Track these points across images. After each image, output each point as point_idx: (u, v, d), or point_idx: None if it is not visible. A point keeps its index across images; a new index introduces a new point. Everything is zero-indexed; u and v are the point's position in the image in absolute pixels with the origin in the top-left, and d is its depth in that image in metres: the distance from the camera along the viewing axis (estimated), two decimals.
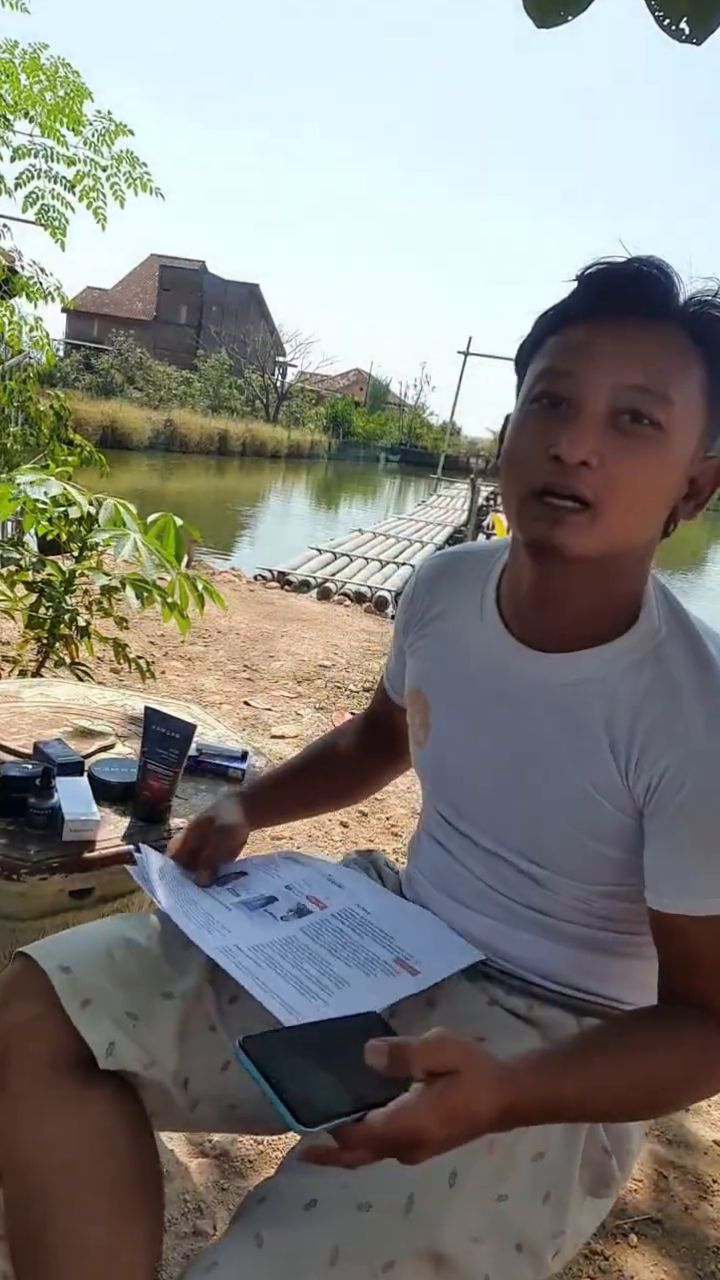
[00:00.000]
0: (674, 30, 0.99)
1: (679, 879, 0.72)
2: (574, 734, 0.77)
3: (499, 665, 0.84)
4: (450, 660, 0.89)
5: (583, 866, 0.79)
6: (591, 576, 0.75)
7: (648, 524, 0.73)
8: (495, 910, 0.87)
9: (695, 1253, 1.45)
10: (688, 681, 0.73)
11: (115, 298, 41.88)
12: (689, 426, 0.71)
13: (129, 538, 2.13)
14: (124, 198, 3.03)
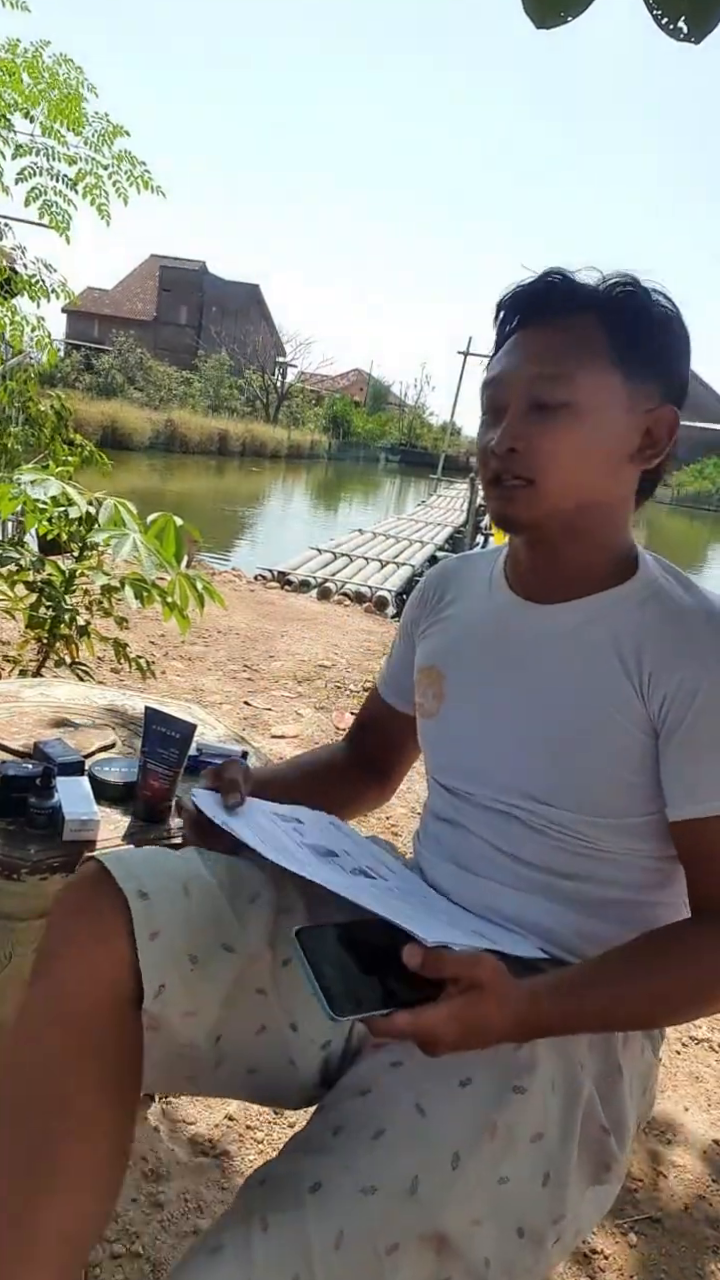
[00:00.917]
0: (672, 29, 1.00)
1: (702, 781, 0.79)
2: (587, 667, 0.85)
3: (510, 625, 0.92)
4: (464, 633, 0.97)
5: (598, 797, 0.84)
6: (569, 533, 0.85)
7: (590, 481, 0.83)
8: (503, 874, 0.90)
9: (695, 1253, 1.45)
10: (689, 607, 0.83)
11: (115, 298, 41.88)
12: (603, 391, 0.81)
13: (129, 537, 2.13)
14: (126, 195, 3.03)
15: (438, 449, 23.85)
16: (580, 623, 0.86)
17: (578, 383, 0.81)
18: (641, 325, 0.83)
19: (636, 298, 0.84)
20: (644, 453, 0.85)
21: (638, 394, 0.83)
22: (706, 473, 43.05)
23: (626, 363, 0.82)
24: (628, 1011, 0.77)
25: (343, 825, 1.00)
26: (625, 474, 0.86)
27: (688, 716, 0.79)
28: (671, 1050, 1.97)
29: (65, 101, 2.94)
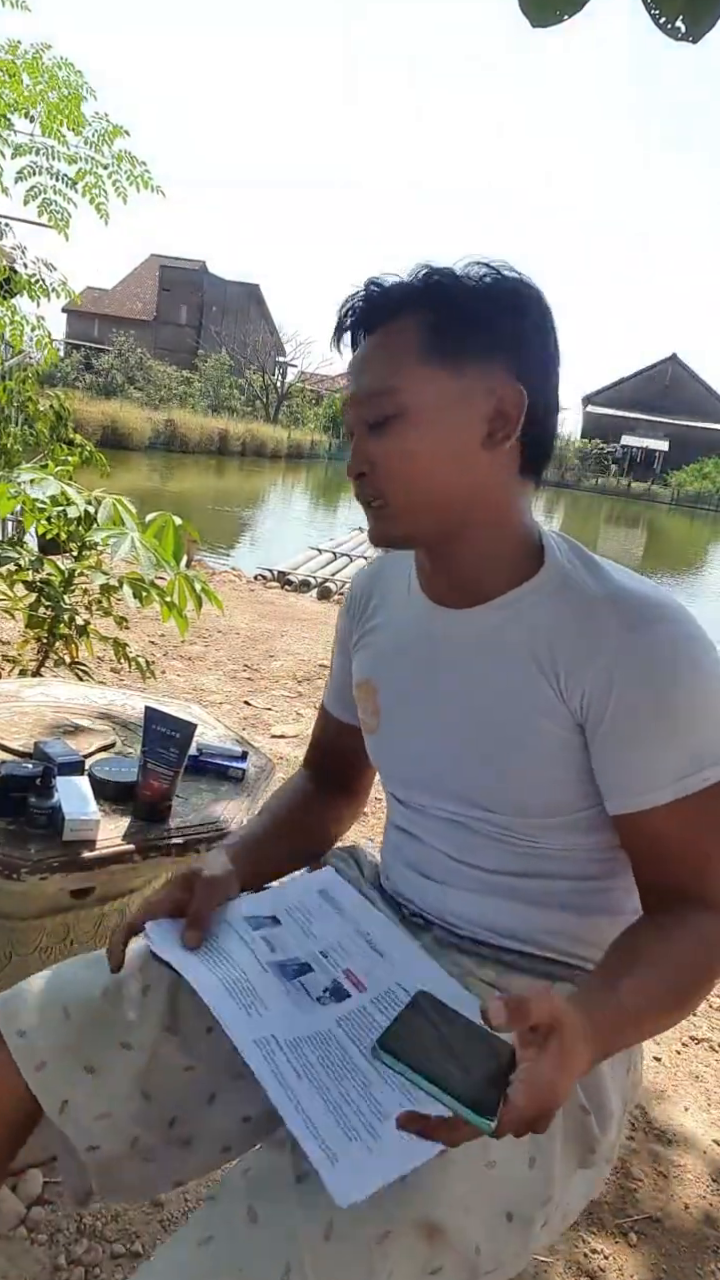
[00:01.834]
0: (670, 29, 1.00)
1: (634, 775, 0.77)
2: (507, 671, 0.83)
3: (430, 632, 0.90)
4: (391, 642, 0.95)
5: (536, 799, 0.83)
6: (451, 537, 0.83)
7: (444, 485, 0.80)
8: (461, 879, 0.90)
9: (695, 1252, 1.45)
10: (594, 596, 0.80)
11: (115, 298, 41.87)
12: (425, 392, 0.78)
13: (127, 537, 2.13)
14: (126, 194, 3.03)
15: None
16: (495, 625, 0.84)
17: (398, 391, 0.78)
18: (456, 311, 0.78)
19: (445, 285, 0.79)
20: (495, 436, 0.80)
21: (471, 382, 0.78)
22: (706, 472, 43.05)
23: (445, 355, 0.78)
24: (659, 1002, 0.73)
25: (335, 890, 0.93)
26: (483, 464, 0.80)
27: (607, 712, 0.77)
28: (672, 1050, 1.97)
29: (65, 102, 2.95)
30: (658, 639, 0.76)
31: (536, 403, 0.80)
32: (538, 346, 0.81)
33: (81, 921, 1.36)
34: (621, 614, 0.77)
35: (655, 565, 19.05)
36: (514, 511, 0.84)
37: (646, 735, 0.76)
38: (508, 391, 0.79)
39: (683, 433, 46.82)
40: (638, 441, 47.33)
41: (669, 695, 0.75)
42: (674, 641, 0.76)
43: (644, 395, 48.73)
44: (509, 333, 0.79)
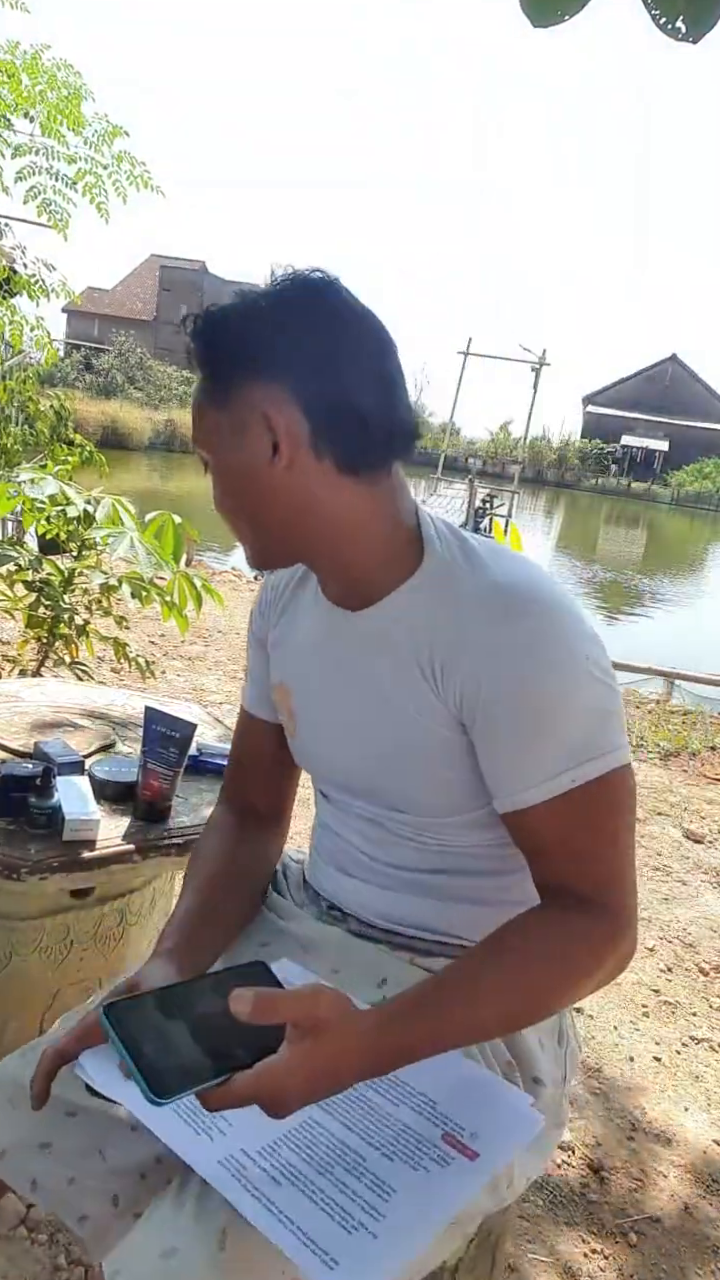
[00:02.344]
0: (671, 29, 1.00)
1: (510, 773, 0.77)
2: (394, 672, 0.83)
3: (332, 634, 0.89)
4: (300, 644, 0.94)
5: (440, 800, 0.84)
6: (310, 554, 0.84)
7: (266, 514, 0.80)
8: (375, 876, 0.91)
9: (695, 1253, 1.45)
10: (467, 589, 0.79)
11: (115, 298, 41.87)
12: (213, 432, 0.79)
13: (126, 536, 2.13)
14: (126, 194, 3.03)
15: (437, 449, 23.83)
16: (383, 626, 0.83)
17: (199, 439, 0.81)
18: (217, 344, 0.77)
19: (213, 319, 0.78)
20: (283, 457, 0.77)
21: (236, 412, 0.77)
22: (706, 473, 43.05)
23: (216, 391, 0.78)
24: (495, 1014, 0.74)
25: (294, 977, 0.86)
26: (287, 485, 0.78)
27: (479, 711, 0.77)
28: (672, 1050, 1.97)
29: (65, 102, 2.95)
30: (521, 635, 0.74)
31: (320, 406, 0.76)
32: (315, 351, 0.76)
33: (81, 921, 1.36)
34: (489, 609, 0.76)
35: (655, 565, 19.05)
36: (357, 514, 0.80)
37: (516, 734, 0.75)
38: (275, 411, 0.75)
39: (683, 433, 46.80)
40: (638, 441, 47.32)
41: (535, 693, 0.74)
42: (540, 636, 0.74)
43: (644, 395, 48.72)
44: (270, 350, 0.76)
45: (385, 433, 0.79)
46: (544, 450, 45.41)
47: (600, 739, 0.75)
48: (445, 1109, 0.73)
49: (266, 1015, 0.62)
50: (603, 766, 0.75)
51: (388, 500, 0.82)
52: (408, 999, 0.71)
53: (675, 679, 5.79)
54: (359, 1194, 0.64)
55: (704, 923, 2.53)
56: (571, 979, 0.76)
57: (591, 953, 0.76)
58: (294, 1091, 0.62)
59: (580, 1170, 1.59)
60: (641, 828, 3.11)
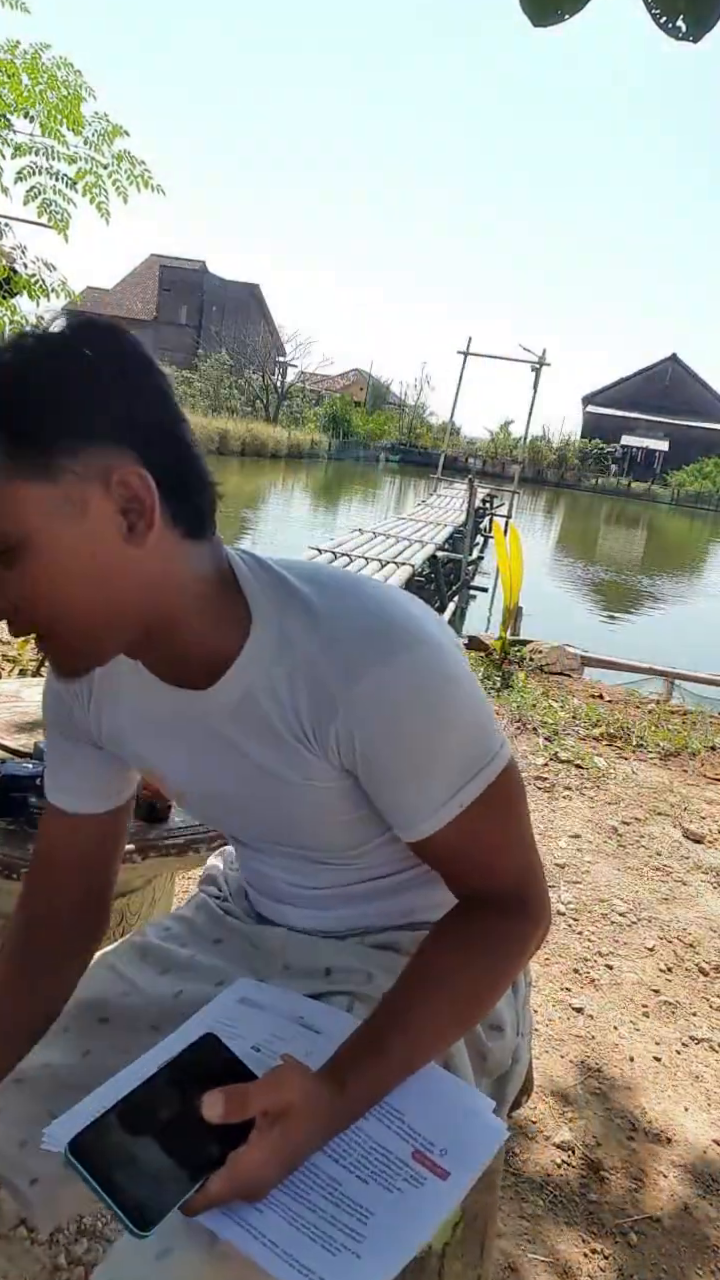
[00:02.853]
0: (671, 28, 1.00)
1: (402, 811, 0.77)
2: (265, 744, 0.77)
3: (182, 715, 0.80)
4: (147, 727, 0.84)
5: (347, 839, 0.84)
6: (139, 641, 0.73)
7: (94, 597, 0.68)
8: (309, 901, 0.91)
9: (695, 1253, 1.45)
10: (311, 646, 0.73)
11: (115, 298, 41.89)
12: (32, 511, 0.65)
13: None
14: (126, 193, 3.03)
15: (438, 448, 23.82)
16: (234, 702, 0.76)
17: (7, 519, 0.65)
18: (28, 408, 0.64)
19: (9, 376, 0.65)
20: (137, 529, 0.67)
21: (72, 483, 0.65)
22: (706, 472, 43.06)
23: (31, 462, 0.64)
24: (440, 1034, 0.77)
25: (255, 994, 0.85)
26: (137, 560, 0.68)
27: (358, 762, 0.75)
28: (672, 1050, 1.97)
29: (65, 102, 2.95)
30: (379, 683, 0.71)
31: (162, 464, 0.68)
32: (134, 401, 0.67)
33: None
34: (337, 668, 0.72)
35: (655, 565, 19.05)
36: (203, 583, 0.73)
37: (400, 777, 0.75)
38: (125, 474, 0.65)
39: (683, 433, 46.84)
40: (638, 441, 47.37)
41: (408, 735, 0.73)
42: (397, 679, 0.71)
43: (644, 395, 48.77)
44: (103, 407, 0.66)
45: (210, 481, 0.73)
46: (544, 450, 45.47)
47: (479, 751, 0.76)
48: (412, 1121, 0.73)
49: (239, 1113, 0.63)
50: (488, 776, 0.76)
51: (219, 557, 0.75)
52: (355, 1050, 0.72)
53: (675, 679, 5.79)
54: (338, 1219, 0.65)
55: (704, 923, 2.53)
56: (505, 975, 0.80)
57: (517, 947, 0.80)
58: (269, 1180, 0.64)
59: (580, 1170, 1.59)
60: (641, 828, 3.12)
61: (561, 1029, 1.97)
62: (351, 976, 0.88)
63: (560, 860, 2.77)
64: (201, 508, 0.72)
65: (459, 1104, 0.76)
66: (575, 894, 2.58)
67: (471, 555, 12.48)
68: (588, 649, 6.05)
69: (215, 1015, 0.83)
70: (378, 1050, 0.72)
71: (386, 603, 0.74)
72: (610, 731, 4.09)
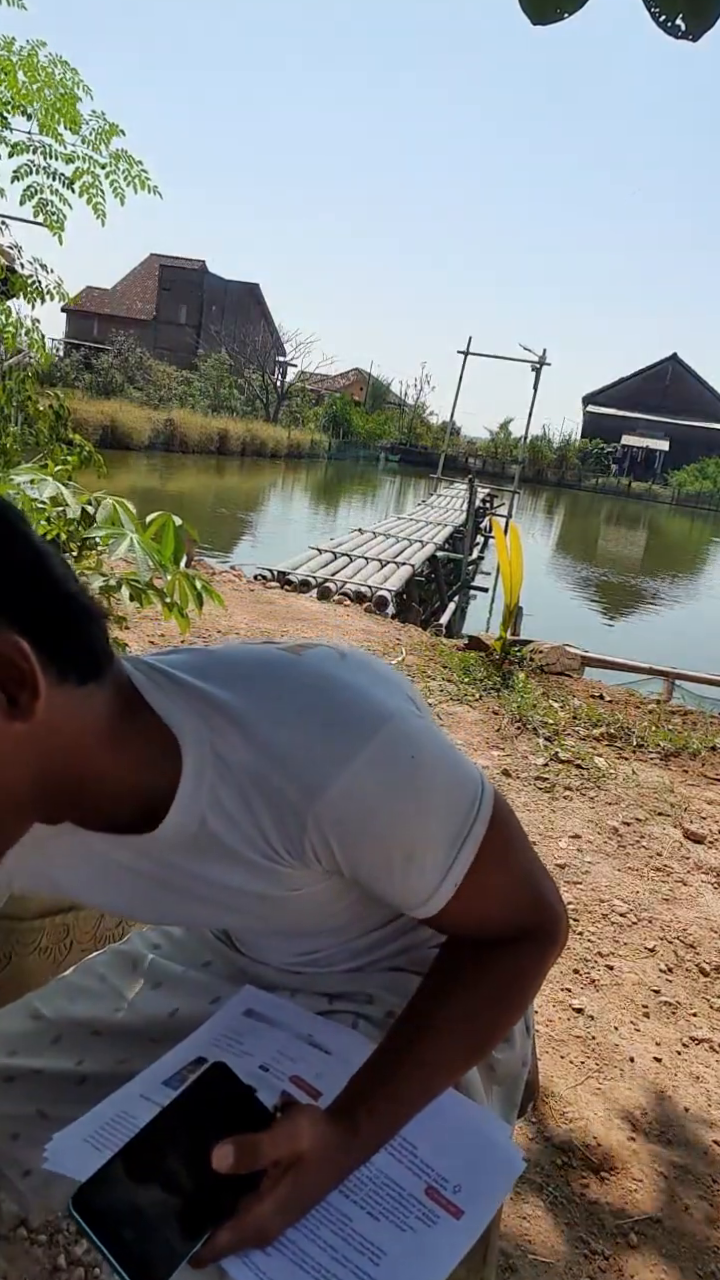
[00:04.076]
0: (670, 27, 0.99)
1: (404, 897, 0.73)
2: (241, 869, 0.71)
3: (134, 857, 0.73)
4: (81, 875, 0.76)
5: (352, 919, 0.82)
6: (59, 806, 0.67)
7: (16, 772, 0.61)
8: (305, 963, 0.88)
9: (695, 1253, 1.45)
10: (255, 762, 0.66)
11: (115, 297, 41.88)
12: None
13: (125, 537, 2.13)
14: (124, 194, 3.02)
15: (438, 448, 23.81)
16: (192, 836, 0.69)
17: None
18: None
19: None
20: (20, 701, 0.59)
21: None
22: (707, 472, 43.05)
23: None
24: (449, 1064, 0.74)
25: (261, 1006, 0.84)
26: (26, 735, 0.61)
27: (343, 865, 0.70)
28: (672, 1051, 1.97)
29: (61, 101, 2.94)
30: (344, 791, 0.65)
31: (36, 617, 0.60)
32: (21, 581, 0.60)
33: (81, 922, 1.36)
34: (293, 786, 0.66)
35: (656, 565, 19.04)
36: (106, 726, 0.65)
37: (388, 868, 0.70)
38: (1, 647, 0.58)
39: (683, 432, 46.82)
40: (638, 441, 47.34)
41: (388, 830, 0.68)
42: (361, 782, 0.66)
43: (644, 395, 48.74)
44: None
45: (96, 613, 0.65)
46: (544, 450, 45.45)
47: (464, 810, 0.71)
48: (425, 1155, 0.71)
49: (250, 1164, 0.62)
50: (479, 832, 0.71)
51: (121, 683, 0.67)
52: (366, 1086, 0.71)
53: (675, 679, 5.79)
54: (349, 1259, 0.64)
55: (704, 923, 2.53)
56: (522, 997, 0.78)
57: (533, 967, 0.77)
58: (278, 1228, 0.63)
59: (580, 1171, 1.59)
60: (641, 828, 3.11)
61: (562, 1029, 1.97)
62: (358, 998, 0.86)
63: (560, 860, 2.77)
64: (92, 646, 0.64)
65: (474, 1132, 0.74)
66: (575, 894, 2.58)
67: (471, 555, 12.48)
68: (588, 649, 6.04)
69: (221, 1029, 0.81)
70: (391, 1086, 0.71)
71: (321, 688, 0.67)
72: (610, 732, 4.08)
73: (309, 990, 0.88)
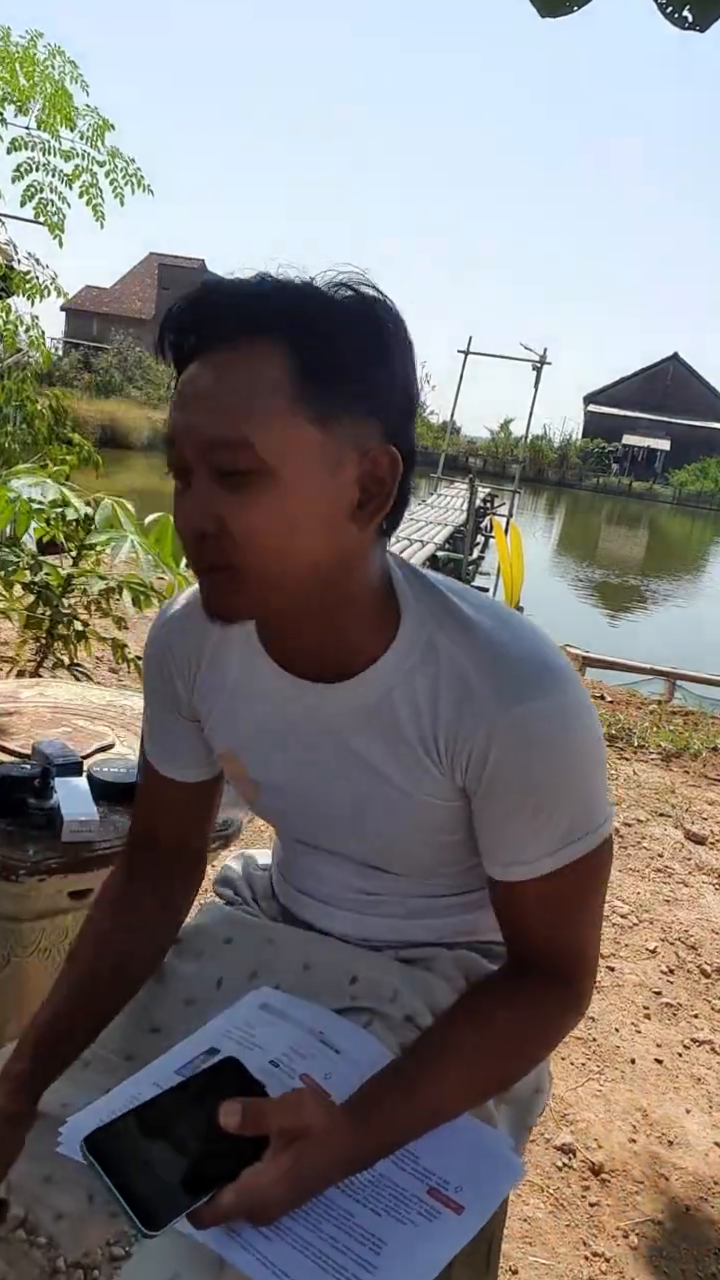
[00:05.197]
0: (677, 18, 0.99)
1: (505, 848, 0.75)
2: (395, 751, 0.76)
3: (295, 707, 0.79)
4: (247, 713, 0.83)
5: (437, 860, 0.83)
6: (304, 613, 0.72)
7: (306, 555, 0.67)
8: (362, 905, 0.89)
9: (695, 1253, 1.45)
10: (466, 661, 0.72)
11: (114, 296, 41.88)
12: (296, 448, 0.64)
13: (126, 539, 2.13)
14: (123, 194, 3.00)
15: (438, 448, 23.82)
16: (367, 703, 0.75)
17: (263, 444, 0.63)
18: (328, 350, 0.64)
19: (314, 314, 0.64)
20: (367, 507, 0.67)
21: (341, 441, 0.65)
22: (708, 472, 43.05)
23: (316, 405, 0.64)
24: (462, 1097, 0.74)
25: (276, 1001, 0.83)
26: (349, 535, 0.68)
27: (481, 785, 0.74)
28: (673, 1052, 1.96)
29: (60, 95, 2.90)
30: (533, 714, 0.70)
31: (405, 456, 0.68)
32: (402, 393, 0.68)
33: (80, 922, 1.36)
34: (496, 685, 0.71)
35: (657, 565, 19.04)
36: (372, 576, 0.74)
37: (517, 812, 0.73)
38: (380, 454, 0.67)
39: (684, 432, 46.81)
40: (639, 441, 47.34)
41: (541, 774, 0.72)
42: (551, 719, 0.71)
43: (645, 394, 48.73)
44: (378, 379, 0.66)
45: (409, 496, 0.73)
46: (545, 449, 45.41)
47: (593, 816, 0.74)
48: (428, 1163, 0.72)
49: (255, 1126, 0.63)
50: (591, 843, 0.74)
51: (384, 561, 0.75)
52: (379, 1091, 0.71)
53: (677, 679, 5.79)
54: (350, 1248, 0.65)
55: (705, 924, 2.53)
56: (534, 1056, 0.79)
57: (554, 1029, 0.79)
58: (277, 1201, 0.63)
59: (581, 1173, 1.58)
60: (642, 829, 3.11)
61: None
62: (376, 990, 0.84)
63: None
64: (397, 518, 0.72)
65: (476, 1145, 0.75)
66: None
67: (472, 555, 12.46)
68: (589, 649, 6.04)
69: (235, 1021, 0.82)
70: (407, 1096, 0.71)
71: (544, 643, 0.74)
72: (611, 732, 4.08)
73: (332, 968, 0.87)
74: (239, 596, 0.68)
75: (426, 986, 0.85)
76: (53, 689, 1.79)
